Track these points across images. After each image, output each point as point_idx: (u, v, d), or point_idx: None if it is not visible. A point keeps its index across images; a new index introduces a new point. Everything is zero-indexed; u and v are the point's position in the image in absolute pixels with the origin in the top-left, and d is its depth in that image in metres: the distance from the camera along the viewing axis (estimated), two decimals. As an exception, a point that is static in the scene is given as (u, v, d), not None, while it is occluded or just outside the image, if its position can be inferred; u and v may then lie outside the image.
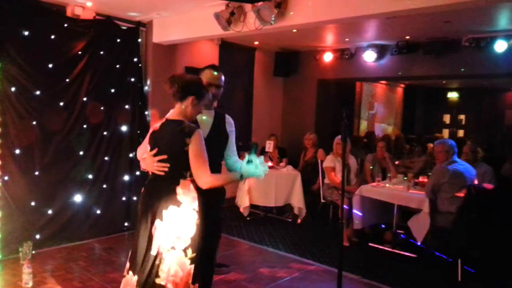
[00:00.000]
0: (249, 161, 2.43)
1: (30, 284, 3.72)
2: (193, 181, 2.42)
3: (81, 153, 5.11)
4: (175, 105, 2.51)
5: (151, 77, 5.86)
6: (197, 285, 2.43)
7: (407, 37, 6.76)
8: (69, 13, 5.00)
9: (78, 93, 5.05)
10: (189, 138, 2.36)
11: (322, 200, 5.92)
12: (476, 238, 4.26)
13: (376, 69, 7.57)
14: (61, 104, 4.91)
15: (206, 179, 2.36)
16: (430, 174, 4.88)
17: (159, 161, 2.42)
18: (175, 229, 2.38)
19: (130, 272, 2.44)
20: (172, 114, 2.53)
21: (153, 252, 2.38)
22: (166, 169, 2.41)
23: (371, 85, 11.11)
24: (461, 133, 13.38)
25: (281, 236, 5.51)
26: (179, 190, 2.40)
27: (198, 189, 2.43)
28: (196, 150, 2.35)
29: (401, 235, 5.30)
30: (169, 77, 2.51)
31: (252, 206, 6.23)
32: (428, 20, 5.50)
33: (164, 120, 2.53)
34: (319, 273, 4.37)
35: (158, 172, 2.43)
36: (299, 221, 6.11)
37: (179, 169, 2.40)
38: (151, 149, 2.49)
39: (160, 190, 2.42)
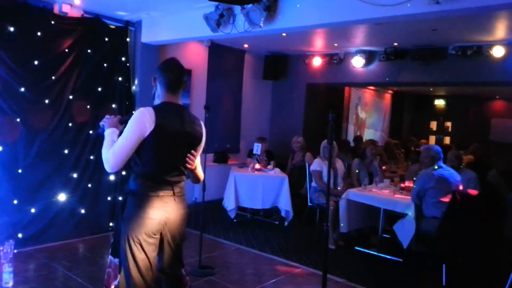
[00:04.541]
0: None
1: (10, 283, 3.65)
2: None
3: (66, 151, 5.04)
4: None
5: (139, 77, 5.83)
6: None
7: (395, 44, 6.84)
8: (56, 10, 4.94)
9: (64, 91, 4.99)
10: None
11: (309, 204, 5.93)
12: (461, 243, 4.30)
13: (364, 74, 7.64)
14: (47, 101, 4.84)
15: None
16: (415, 179, 4.93)
17: None
18: None
19: None
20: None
21: None
22: None
23: (359, 90, 11.21)
24: (447, 140, 13.54)
25: (267, 239, 5.50)
26: None
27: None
28: None
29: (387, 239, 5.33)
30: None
31: (239, 208, 6.22)
32: (415, 28, 5.57)
33: None
34: (304, 276, 4.36)
35: None
36: (286, 224, 6.11)
37: None
38: None
39: None
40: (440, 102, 14.06)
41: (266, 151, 6.75)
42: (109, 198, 5.44)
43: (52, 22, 4.84)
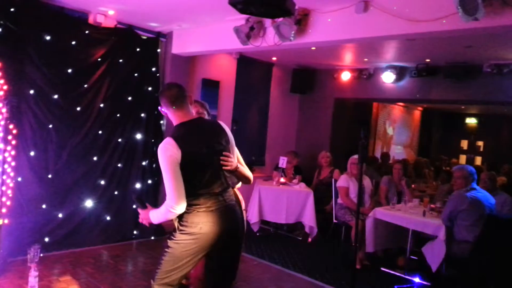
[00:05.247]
0: None
1: (36, 287, 3.68)
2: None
3: (94, 158, 5.12)
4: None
5: (168, 87, 5.88)
6: None
7: (427, 60, 6.69)
8: (91, 20, 5.07)
9: (95, 99, 5.09)
10: None
11: (334, 220, 5.80)
12: (494, 269, 4.10)
13: (394, 90, 7.49)
14: (78, 109, 4.94)
15: None
16: (446, 200, 4.75)
17: None
18: None
19: None
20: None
21: None
22: None
23: (388, 106, 11.02)
24: (478, 160, 13.11)
25: (290, 255, 5.40)
26: None
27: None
28: None
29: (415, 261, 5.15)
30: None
31: (263, 222, 6.15)
32: (448, 44, 5.44)
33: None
34: (328, 295, 4.25)
35: None
36: (309, 240, 6.00)
37: None
38: None
39: None
40: (471, 121, 13.66)
41: (295, 166, 6.67)
42: (134, 206, 5.47)
43: (87, 32, 4.96)
